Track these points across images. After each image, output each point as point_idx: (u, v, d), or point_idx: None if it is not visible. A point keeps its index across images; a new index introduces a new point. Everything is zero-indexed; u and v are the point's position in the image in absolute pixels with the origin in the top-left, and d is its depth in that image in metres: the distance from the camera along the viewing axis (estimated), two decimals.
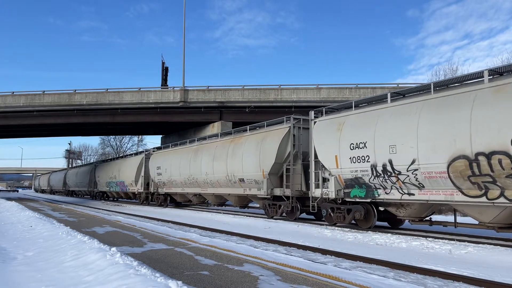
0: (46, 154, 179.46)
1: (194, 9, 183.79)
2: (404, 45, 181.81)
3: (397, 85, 29.06)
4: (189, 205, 26.52)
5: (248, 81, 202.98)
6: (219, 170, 19.09)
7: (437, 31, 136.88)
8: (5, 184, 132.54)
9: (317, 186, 13.74)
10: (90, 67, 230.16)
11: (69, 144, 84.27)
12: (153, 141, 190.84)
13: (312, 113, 14.25)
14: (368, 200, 12.03)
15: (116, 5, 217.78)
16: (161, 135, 44.00)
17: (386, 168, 11.05)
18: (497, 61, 37.49)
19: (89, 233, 10.21)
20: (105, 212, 21.68)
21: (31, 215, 15.90)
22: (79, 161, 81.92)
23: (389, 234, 11.16)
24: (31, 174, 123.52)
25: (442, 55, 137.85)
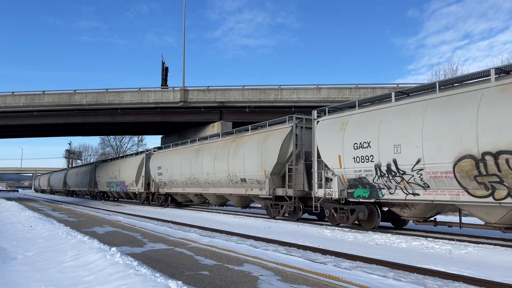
0: (46, 154, 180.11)
1: (194, 9, 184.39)
2: (404, 45, 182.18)
3: (397, 85, 29.00)
4: (190, 205, 26.44)
5: (248, 81, 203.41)
6: (220, 170, 18.98)
7: (437, 31, 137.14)
8: (5, 184, 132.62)
9: (320, 186, 13.62)
10: (90, 67, 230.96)
11: (69, 144, 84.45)
12: (153, 141, 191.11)
13: (315, 112, 14.13)
14: (372, 200, 11.92)
15: (116, 5, 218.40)
16: (161, 135, 43.99)
17: (391, 168, 10.93)
18: (497, 61, 37.51)
19: (89, 233, 10.15)
20: (105, 212, 21.60)
21: (31, 215, 15.83)
22: (79, 161, 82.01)
23: (389, 234, 11.09)
24: (31, 174, 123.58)
25: (442, 55, 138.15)
